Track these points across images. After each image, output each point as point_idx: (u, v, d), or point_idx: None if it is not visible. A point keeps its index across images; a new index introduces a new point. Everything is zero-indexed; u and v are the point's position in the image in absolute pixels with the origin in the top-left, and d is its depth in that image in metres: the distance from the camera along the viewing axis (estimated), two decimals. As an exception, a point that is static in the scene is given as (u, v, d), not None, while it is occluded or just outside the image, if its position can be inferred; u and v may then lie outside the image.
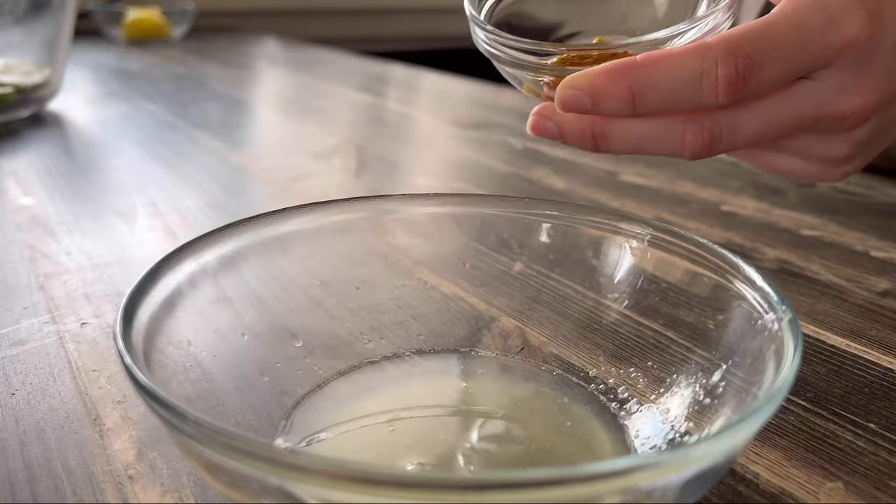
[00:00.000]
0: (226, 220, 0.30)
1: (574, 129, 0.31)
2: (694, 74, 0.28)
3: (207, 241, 0.29)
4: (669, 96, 0.28)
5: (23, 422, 0.28)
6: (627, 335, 0.31)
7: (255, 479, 0.18)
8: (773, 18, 0.29)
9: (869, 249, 0.45)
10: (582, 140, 0.31)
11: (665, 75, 0.28)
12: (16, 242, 0.46)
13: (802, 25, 0.28)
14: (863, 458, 0.27)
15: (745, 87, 0.28)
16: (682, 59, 0.28)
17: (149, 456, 0.27)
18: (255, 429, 0.26)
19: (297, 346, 0.31)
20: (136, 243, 0.46)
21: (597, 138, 0.31)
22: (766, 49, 0.28)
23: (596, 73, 0.29)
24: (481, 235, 0.35)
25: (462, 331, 0.33)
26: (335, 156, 0.67)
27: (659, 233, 0.30)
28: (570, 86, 0.29)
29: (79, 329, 0.35)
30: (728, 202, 0.54)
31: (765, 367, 0.23)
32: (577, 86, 0.29)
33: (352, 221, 0.33)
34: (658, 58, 0.28)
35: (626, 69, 0.28)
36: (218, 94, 0.97)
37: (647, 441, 0.26)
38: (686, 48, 0.28)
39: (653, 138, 0.30)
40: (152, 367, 0.23)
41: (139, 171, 0.62)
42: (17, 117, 0.78)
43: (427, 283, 0.35)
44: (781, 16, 0.29)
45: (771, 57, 0.28)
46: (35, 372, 0.32)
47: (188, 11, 1.49)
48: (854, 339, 0.35)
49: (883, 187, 0.57)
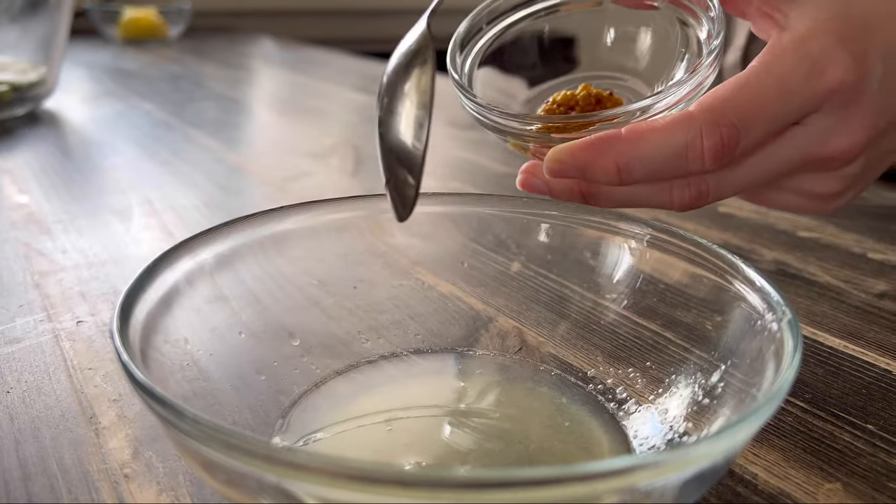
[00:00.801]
0: (222, 219, 0.30)
1: (562, 187, 0.31)
2: (679, 147, 0.27)
3: (204, 240, 0.29)
4: (655, 167, 0.28)
5: (18, 420, 0.28)
6: (626, 335, 0.31)
7: (252, 478, 0.18)
8: (755, 74, 0.28)
9: (866, 251, 0.45)
10: (570, 196, 0.31)
11: (650, 148, 0.28)
12: (11, 240, 0.46)
13: (785, 78, 0.28)
14: (861, 459, 0.27)
15: (731, 155, 0.28)
16: (667, 133, 0.28)
17: (145, 455, 0.26)
18: (252, 428, 0.26)
19: (295, 346, 0.30)
20: (132, 242, 0.46)
21: (585, 196, 0.31)
22: (750, 113, 0.28)
23: (581, 147, 0.28)
24: (479, 235, 0.35)
25: (460, 331, 0.33)
26: (332, 155, 0.67)
27: (657, 233, 0.30)
28: (556, 159, 0.29)
29: (74, 327, 0.35)
30: (725, 203, 0.54)
31: (764, 367, 0.23)
32: (563, 160, 0.29)
33: (349, 220, 0.33)
34: (642, 132, 0.28)
35: (610, 144, 0.28)
36: (214, 94, 0.97)
37: (646, 441, 0.26)
38: (670, 121, 0.28)
39: (641, 197, 0.30)
40: (149, 365, 0.23)
41: (135, 169, 0.62)
42: (13, 115, 0.77)
43: (425, 282, 0.35)
44: (763, 69, 0.28)
45: (756, 120, 0.28)
46: (30, 370, 0.32)
47: (185, 11, 1.49)
48: (852, 340, 0.35)
49: (880, 190, 0.57)
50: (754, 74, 0.28)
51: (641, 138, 0.28)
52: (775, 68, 0.28)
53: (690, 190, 0.30)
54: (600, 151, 0.28)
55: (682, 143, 0.27)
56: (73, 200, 0.54)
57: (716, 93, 0.28)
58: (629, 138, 0.28)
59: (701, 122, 0.27)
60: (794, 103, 0.28)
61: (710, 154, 0.27)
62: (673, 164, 0.28)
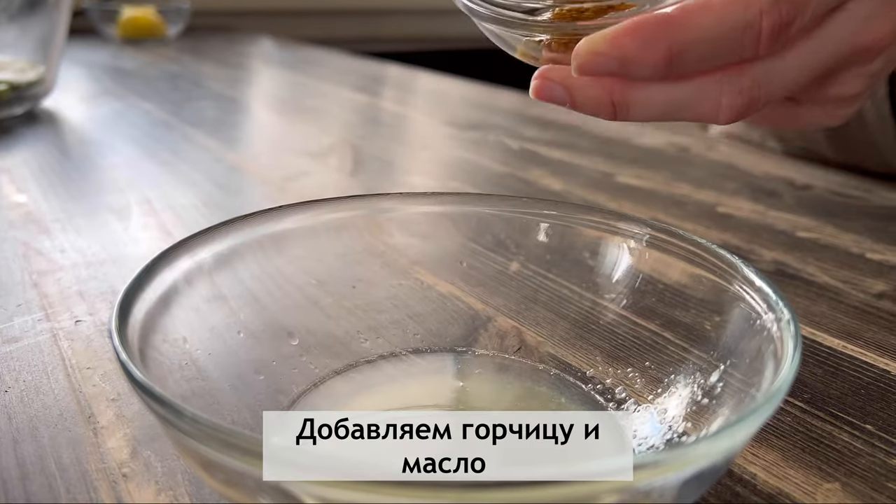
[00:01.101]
0: (221, 218, 0.30)
1: (588, 95, 0.27)
2: (737, 27, 0.25)
3: (203, 239, 0.28)
4: (708, 54, 0.25)
5: (16, 419, 0.28)
6: (625, 335, 0.31)
7: (251, 477, 0.18)
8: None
9: (865, 252, 0.45)
10: (597, 108, 0.28)
11: (706, 33, 0.25)
12: (9, 239, 0.46)
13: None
14: (860, 459, 0.27)
15: (787, 34, 0.26)
16: (724, 13, 0.25)
17: (143, 454, 0.26)
18: (251, 427, 0.26)
19: (293, 345, 0.30)
20: (131, 241, 0.46)
21: (616, 106, 0.27)
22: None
23: (625, 33, 0.25)
24: (478, 235, 0.35)
25: (459, 330, 0.33)
26: (331, 155, 0.67)
27: (657, 233, 0.30)
28: (592, 51, 0.25)
29: (73, 326, 0.35)
30: (724, 204, 0.54)
31: (763, 367, 0.23)
32: (602, 51, 0.25)
33: (348, 220, 0.33)
34: (696, 12, 0.25)
35: (662, 29, 0.25)
36: (213, 93, 0.97)
37: (645, 441, 0.26)
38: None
39: (684, 104, 0.27)
40: (147, 364, 0.23)
41: (134, 169, 0.62)
42: (11, 114, 0.77)
43: (423, 282, 0.35)
44: None
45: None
46: (28, 369, 0.32)
47: (183, 10, 1.49)
48: (851, 340, 0.35)
49: (879, 190, 0.57)
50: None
51: (695, 19, 0.25)
52: None
53: (742, 97, 0.27)
54: (648, 37, 0.25)
55: (742, 23, 0.25)
56: (71, 200, 0.53)
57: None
58: (682, 20, 0.25)
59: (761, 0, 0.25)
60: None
61: (767, 34, 0.25)
62: (728, 49, 0.26)
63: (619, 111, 0.28)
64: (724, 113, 0.28)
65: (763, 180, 0.61)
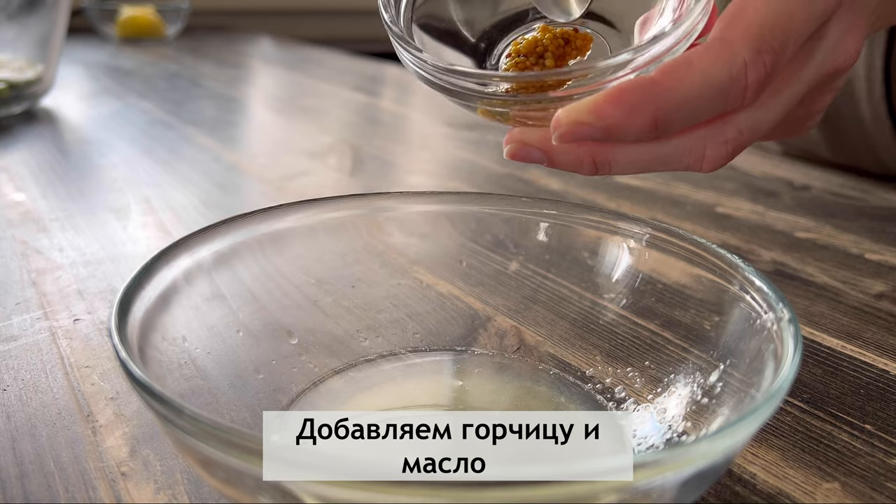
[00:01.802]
0: (220, 217, 0.30)
1: (568, 157, 0.27)
2: (722, 86, 0.24)
3: (202, 238, 0.28)
4: (694, 114, 0.25)
5: (14, 418, 0.28)
6: (624, 335, 0.31)
7: (251, 476, 0.18)
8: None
9: (864, 252, 0.45)
10: (578, 167, 0.27)
11: (692, 95, 0.24)
12: (7, 238, 0.45)
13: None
14: (859, 459, 0.27)
15: (770, 82, 0.25)
16: (709, 72, 0.24)
17: (142, 453, 0.26)
18: (250, 426, 0.26)
19: (293, 344, 0.30)
20: (129, 240, 0.46)
21: (598, 165, 0.27)
22: (786, 31, 0.25)
23: (608, 102, 0.24)
24: (477, 234, 0.35)
25: (458, 330, 0.33)
26: (330, 155, 0.67)
27: (656, 232, 0.30)
28: (575, 121, 0.25)
29: (71, 325, 0.35)
30: (723, 204, 0.54)
31: (763, 366, 0.23)
32: (586, 121, 0.24)
33: (347, 219, 0.33)
34: (681, 74, 0.24)
35: (647, 95, 0.24)
36: (212, 93, 0.97)
37: (645, 441, 0.26)
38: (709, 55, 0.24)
39: (667, 159, 0.27)
40: (147, 362, 0.23)
41: (132, 168, 0.62)
42: (10, 113, 0.77)
43: (423, 281, 0.35)
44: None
45: (789, 38, 0.25)
46: (27, 368, 0.31)
47: (182, 10, 1.49)
48: (850, 340, 0.35)
49: (878, 191, 0.57)
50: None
51: (680, 82, 0.24)
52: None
53: (727, 146, 0.27)
54: (633, 105, 0.24)
55: (727, 80, 0.24)
56: (70, 198, 0.53)
57: (744, 10, 0.25)
58: (666, 84, 0.24)
59: (744, 53, 0.24)
60: (818, 10, 0.25)
61: (753, 86, 0.25)
62: (714, 106, 0.25)
63: (601, 169, 0.27)
64: (707, 163, 0.27)
65: (762, 181, 0.61)
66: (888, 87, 0.58)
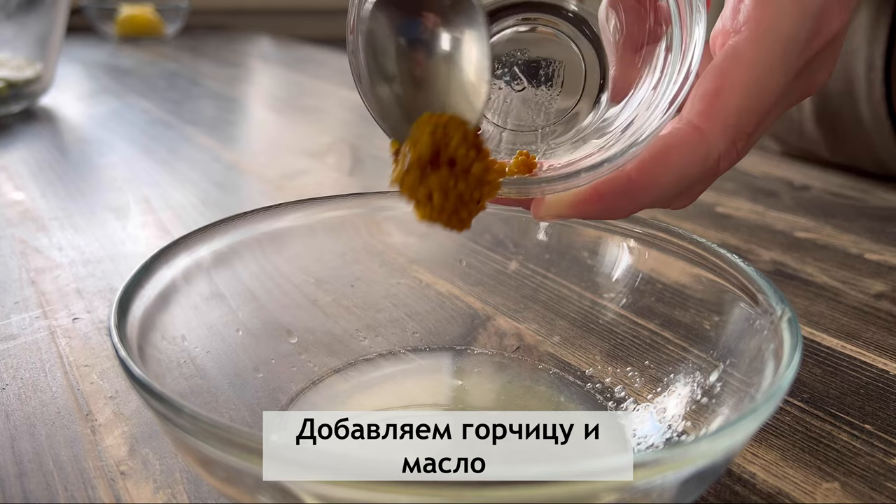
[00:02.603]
0: (219, 216, 0.30)
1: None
2: (697, 176, 0.24)
3: (202, 237, 0.28)
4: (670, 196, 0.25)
5: (13, 417, 0.28)
6: (624, 334, 0.31)
7: (250, 475, 0.18)
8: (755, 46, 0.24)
9: (863, 252, 0.45)
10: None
11: (668, 188, 0.24)
12: (7, 237, 0.45)
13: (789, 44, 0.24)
14: (859, 459, 0.27)
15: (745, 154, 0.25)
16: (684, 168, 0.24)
17: (141, 452, 0.26)
18: (250, 425, 0.26)
19: (292, 343, 0.30)
20: (129, 239, 0.46)
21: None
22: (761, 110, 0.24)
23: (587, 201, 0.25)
24: (477, 234, 0.35)
25: (458, 329, 0.33)
26: (329, 154, 0.67)
27: (656, 232, 0.30)
28: (555, 214, 0.26)
29: (70, 324, 0.35)
30: (723, 204, 0.54)
31: (764, 366, 0.23)
32: (566, 214, 0.25)
33: (346, 219, 0.33)
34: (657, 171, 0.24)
35: (624, 195, 0.24)
36: (211, 92, 0.96)
37: (644, 440, 0.26)
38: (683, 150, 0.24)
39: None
40: (146, 361, 0.23)
41: (131, 167, 0.62)
42: (9, 112, 0.77)
43: (422, 281, 0.35)
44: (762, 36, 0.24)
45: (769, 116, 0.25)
46: (26, 367, 0.31)
47: (182, 9, 1.49)
48: (849, 340, 0.35)
49: (877, 191, 0.57)
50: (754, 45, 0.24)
51: (655, 180, 0.24)
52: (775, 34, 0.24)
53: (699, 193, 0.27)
54: (611, 203, 0.25)
55: (700, 170, 0.24)
56: (69, 198, 0.53)
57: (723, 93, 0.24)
58: (642, 182, 0.24)
59: (718, 146, 0.24)
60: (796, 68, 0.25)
61: (725, 167, 0.25)
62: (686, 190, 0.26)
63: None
64: (674, 208, 0.28)
65: (762, 181, 0.61)
66: (888, 88, 0.58)
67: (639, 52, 0.27)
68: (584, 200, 0.25)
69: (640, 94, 0.27)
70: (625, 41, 0.28)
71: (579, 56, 0.29)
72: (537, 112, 0.29)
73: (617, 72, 0.28)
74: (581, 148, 0.27)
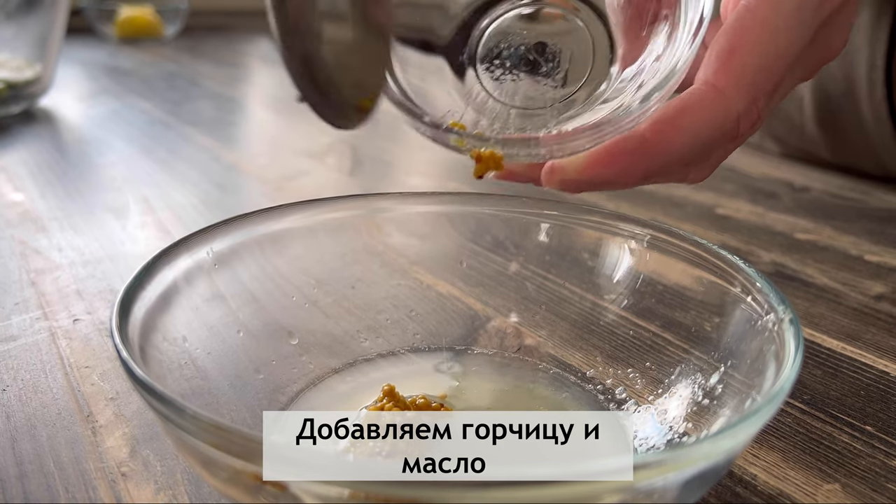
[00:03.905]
0: (219, 217, 0.30)
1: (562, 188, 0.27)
2: (714, 139, 0.24)
3: (202, 238, 0.28)
4: (684, 164, 0.24)
5: (14, 418, 0.28)
6: (625, 336, 0.31)
7: (250, 475, 0.18)
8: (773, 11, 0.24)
9: (863, 254, 0.45)
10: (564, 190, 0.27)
11: (683, 150, 0.24)
12: (6, 238, 0.45)
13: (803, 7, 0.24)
14: (860, 460, 0.27)
15: (763, 120, 0.25)
16: (700, 129, 0.23)
17: (142, 453, 0.26)
18: (250, 426, 0.26)
19: (293, 344, 0.30)
20: (129, 240, 0.46)
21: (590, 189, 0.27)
22: (777, 69, 0.24)
23: (599, 162, 0.24)
24: (477, 235, 0.35)
25: (458, 330, 0.33)
26: (329, 155, 0.67)
27: (656, 233, 0.30)
28: (566, 179, 0.25)
29: (71, 325, 0.35)
30: (723, 205, 0.54)
31: (765, 367, 0.23)
32: (576, 178, 0.25)
33: (346, 220, 0.33)
34: (672, 132, 0.23)
35: (637, 156, 0.23)
36: (211, 93, 0.96)
37: (646, 442, 0.26)
38: (700, 108, 0.23)
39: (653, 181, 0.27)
40: (148, 362, 0.23)
41: (131, 167, 0.62)
42: (8, 113, 0.77)
43: (423, 282, 0.35)
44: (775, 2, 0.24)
45: (783, 78, 0.24)
46: (26, 368, 0.31)
47: (181, 10, 1.49)
48: (849, 342, 0.35)
49: (877, 193, 0.58)
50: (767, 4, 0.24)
51: (670, 142, 0.23)
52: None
53: (712, 167, 0.27)
54: (623, 165, 0.24)
55: (718, 134, 0.24)
56: (68, 198, 0.53)
57: (735, 51, 0.24)
58: (657, 145, 0.23)
59: (737, 107, 0.24)
60: (811, 28, 0.25)
61: (746, 131, 0.24)
62: (702, 154, 0.25)
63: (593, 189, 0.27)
64: (691, 181, 0.27)
65: (762, 182, 0.61)
66: (889, 89, 0.58)
67: (646, 24, 0.27)
68: (594, 162, 0.24)
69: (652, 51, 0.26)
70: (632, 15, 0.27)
71: (587, 32, 0.29)
72: (547, 90, 0.29)
73: (625, 46, 0.28)
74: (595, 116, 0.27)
